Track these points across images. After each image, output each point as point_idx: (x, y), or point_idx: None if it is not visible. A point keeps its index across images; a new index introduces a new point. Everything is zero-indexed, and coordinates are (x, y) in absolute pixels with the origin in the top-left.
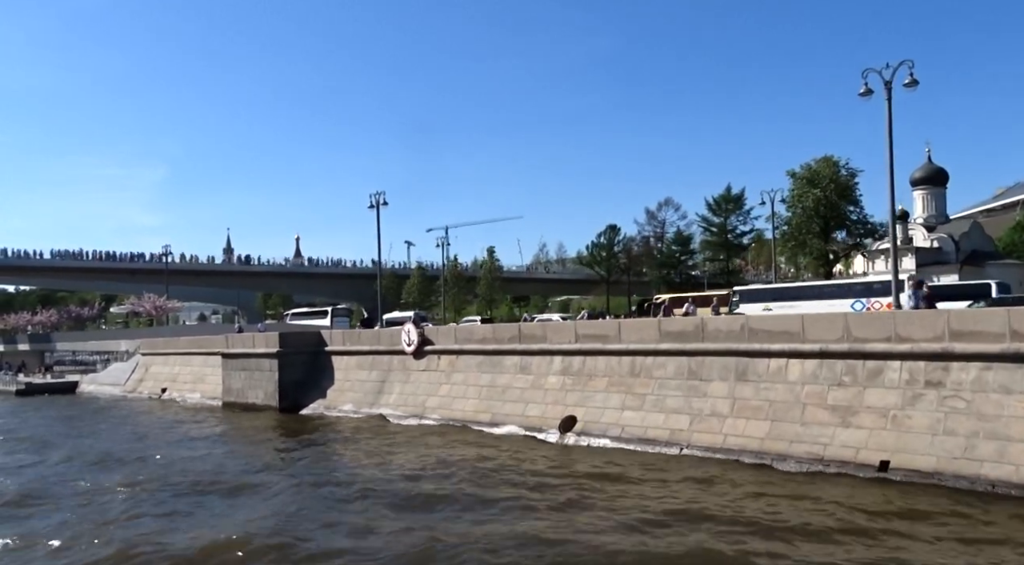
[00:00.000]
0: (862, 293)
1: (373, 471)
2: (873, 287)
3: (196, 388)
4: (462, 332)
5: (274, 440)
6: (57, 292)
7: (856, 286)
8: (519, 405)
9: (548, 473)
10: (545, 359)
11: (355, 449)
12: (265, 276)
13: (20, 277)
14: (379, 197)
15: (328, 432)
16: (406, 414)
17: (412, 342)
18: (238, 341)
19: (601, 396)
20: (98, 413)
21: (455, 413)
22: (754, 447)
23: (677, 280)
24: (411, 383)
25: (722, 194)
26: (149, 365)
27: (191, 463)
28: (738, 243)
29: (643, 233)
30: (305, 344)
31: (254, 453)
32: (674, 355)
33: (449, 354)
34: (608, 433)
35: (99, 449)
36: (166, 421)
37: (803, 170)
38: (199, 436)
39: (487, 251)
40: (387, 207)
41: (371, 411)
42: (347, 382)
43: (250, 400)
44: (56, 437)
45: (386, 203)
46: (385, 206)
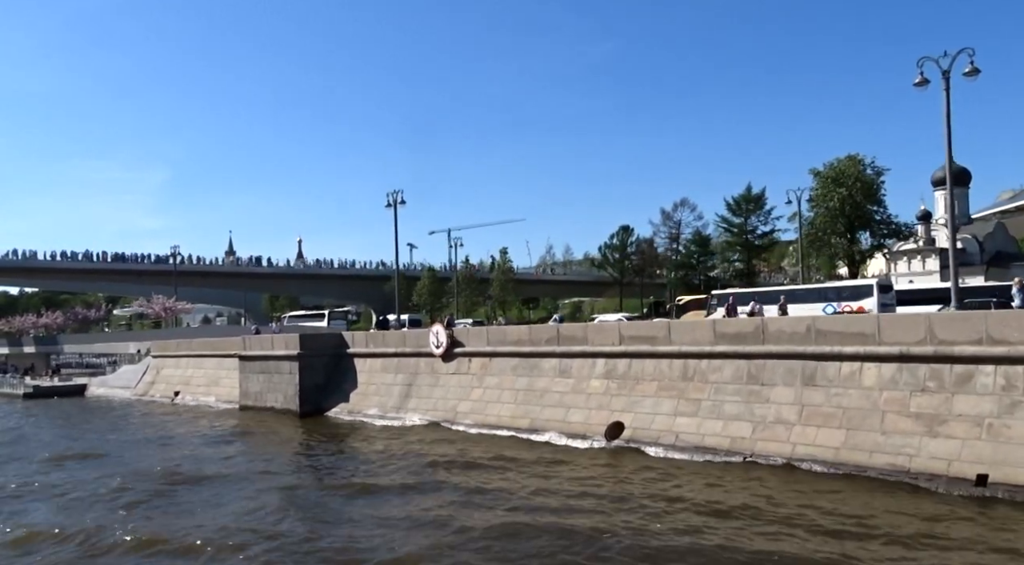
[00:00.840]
0: (833, 297)
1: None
2: (842, 291)
3: (211, 391)
4: (495, 334)
5: (300, 451)
6: (60, 294)
7: (828, 290)
8: (559, 410)
9: (621, 489)
10: (587, 362)
11: (391, 463)
12: (273, 277)
13: (26, 278)
14: (396, 196)
15: (355, 439)
16: (436, 419)
17: (441, 344)
18: (256, 343)
19: (650, 401)
20: (111, 418)
21: (489, 418)
22: (828, 457)
23: (696, 282)
24: (440, 387)
25: (742, 194)
26: (161, 368)
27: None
28: (758, 244)
29: (658, 234)
30: (326, 346)
31: (285, 465)
32: (731, 358)
33: (481, 356)
34: (661, 441)
35: (122, 464)
36: (183, 427)
37: (827, 169)
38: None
39: (500, 252)
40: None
41: (398, 415)
42: (371, 385)
43: (269, 404)
44: (71, 444)
45: (403, 202)
46: (403, 205)
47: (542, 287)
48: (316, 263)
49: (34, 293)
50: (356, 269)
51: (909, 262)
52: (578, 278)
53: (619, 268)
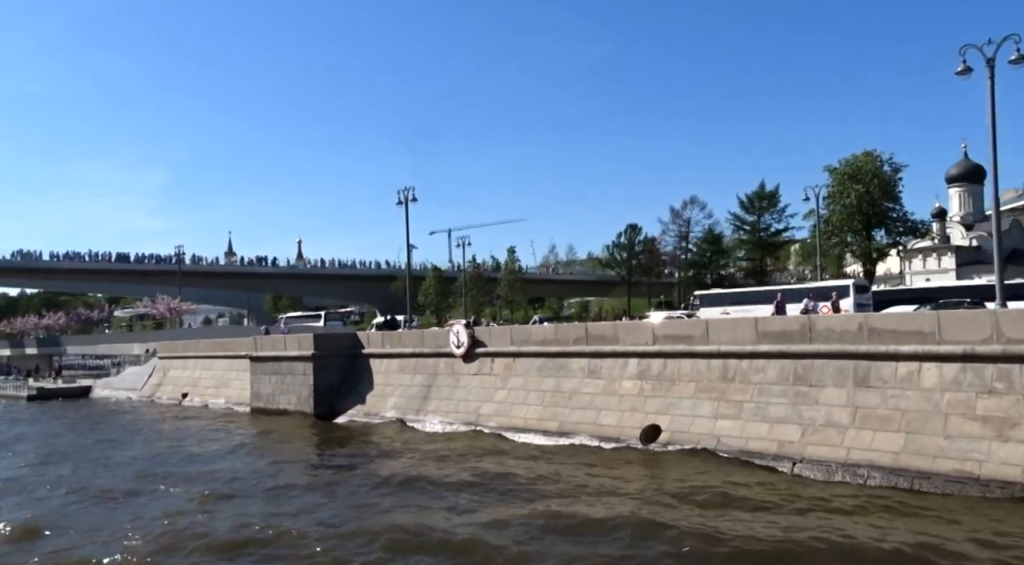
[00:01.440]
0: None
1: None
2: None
3: (220, 393)
4: (519, 333)
5: (320, 454)
6: (60, 295)
7: (806, 291)
8: (590, 412)
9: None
10: (618, 362)
11: (416, 466)
12: (277, 278)
13: (28, 279)
14: (407, 193)
15: (376, 443)
16: (458, 421)
17: (462, 344)
18: (268, 343)
19: (688, 403)
20: (117, 420)
21: (515, 421)
22: (886, 463)
23: (708, 280)
24: (461, 388)
25: (755, 191)
26: (168, 369)
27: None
28: (771, 242)
29: (667, 232)
30: (341, 346)
31: (307, 472)
32: (775, 358)
33: (504, 357)
34: (701, 444)
35: (133, 466)
36: (196, 432)
37: (843, 165)
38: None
39: (507, 251)
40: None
41: (417, 418)
42: (388, 387)
43: (281, 406)
44: (84, 449)
45: (415, 199)
46: (414, 202)
47: (549, 287)
48: (319, 263)
49: (34, 294)
50: (360, 269)
51: (924, 260)
52: (585, 278)
53: (627, 267)
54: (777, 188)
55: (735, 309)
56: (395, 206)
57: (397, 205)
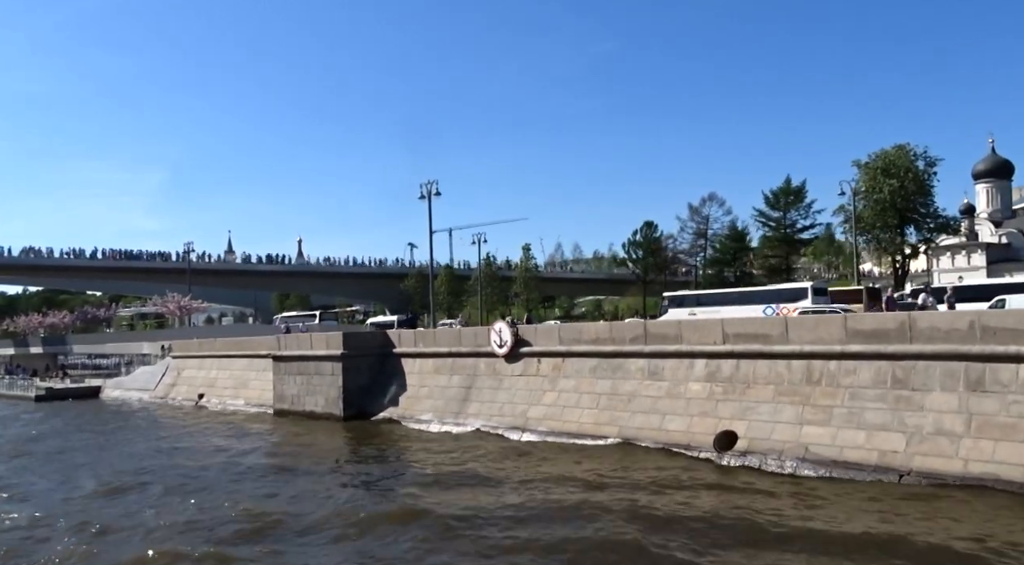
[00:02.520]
0: (772, 299)
1: (538, 529)
2: (780, 294)
3: (239, 394)
4: (569, 332)
5: (365, 469)
6: (60, 294)
7: (767, 293)
8: (653, 417)
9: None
10: (683, 363)
11: (474, 479)
12: (286, 276)
13: (31, 277)
14: (431, 187)
15: (417, 450)
16: (503, 425)
17: (505, 343)
18: (292, 342)
19: (767, 408)
20: (134, 423)
21: (567, 425)
22: (1016, 476)
23: (731, 278)
24: (505, 390)
25: (781, 187)
26: (182, 369)
27: None
28: (797, 239)
29: (685, 229)
30: (371, 345)
31: (375, 499)
32: (869, 359)
33: (552, 356)
34: (787, 454)
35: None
36: (223, 438)
37: (875, 159)
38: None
39: (523, 249)
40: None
41: (457, 421)
42: (423, 388)
43: (307, 408)
44: (109, 464)
45: (439, 193)
46: (438, 196)
47: (562, 285)
48: (327, 261)
49: (34, 293)
50: (370, 267)
51: (953, 258)
52: (600, 276)
53: (643, 266)
54: (803, 184)
55: (700, 310)
56: (395, 205)
57: (420, 199)
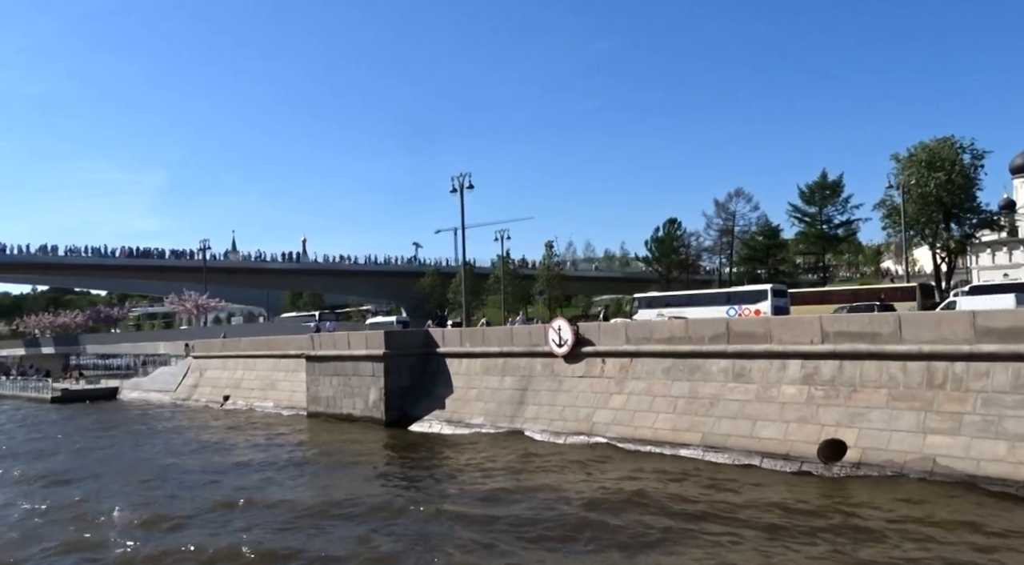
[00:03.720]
0: (735, 301)
1: None
2: (742, 296)
3: (267, 395)
4: (637, 330)
5: (425, 481)
6: (66, 294)
7: (730, 294)
8: (741, 423)
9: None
10: (773, 364)
11: (557, 494)
12: (300, 274)
13: (43, 275)
14: (463, 179)
15: (476, 458)
16: (565, 430)
17: (565, 342)
18: (327, 341)
19: (880, 414)
20: (162, 426)
21: (641, 431)
22: None
23: (764, 276)
24: (565, 392)
25: (816, 181)
26: (204, 369)
27: None
28: (834, 235)
29: (711, 226)
30: (413, 345)
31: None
32: (1006, 360)
33: (619, 357)
34: (909, 466)
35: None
36: (257, 441)
37: (918, 151)
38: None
39: (545, 246)
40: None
41: (513, 426)
42: (472, 390)
43: (345, 410)
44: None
45: (471, 186)
46: (471, 189)
47: (582, 284)
48: (342, 259)
49: (41, 293)
50: (387, 265)
51: (993, 254)
52: (622, 275)
53: (666, 263)
54: (840, 178)
55: (668, 311)
56: (397, 205)
57: (451, 192)
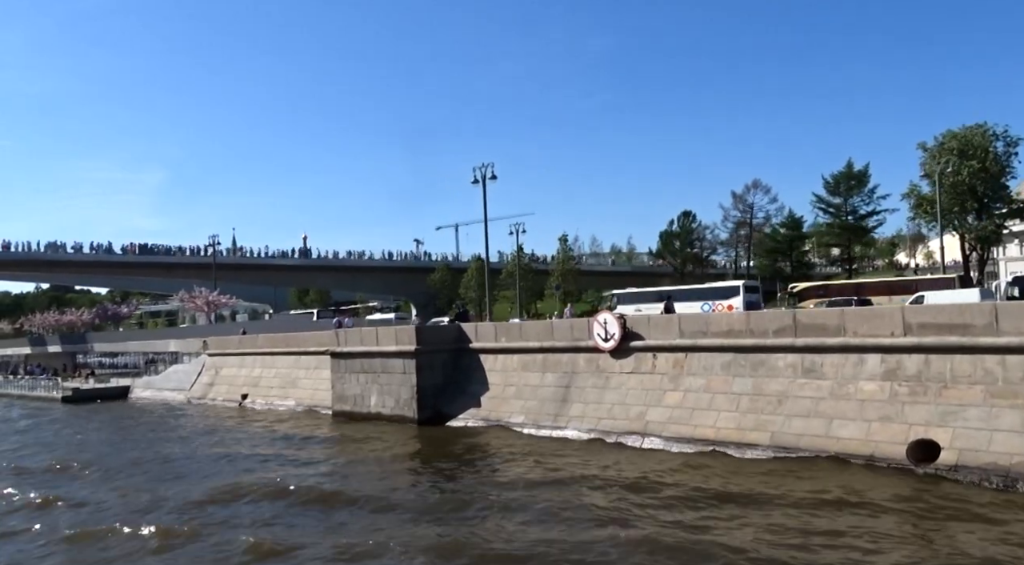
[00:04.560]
0: (709, 297)
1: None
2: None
3: (288, 394)
4: (692, 323)
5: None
6: (68, 292)
7: (704, 290)
8: (815, 422)
9: None
10: (849, 358)
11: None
12: (309, 270)
13: (47, 273)
14: (485, 169)
15: (525, 460)
16: (616, 430)
17: (611, 336)
18: (355, 338)
19: (977, 412)
20: (185, 428)
21: (702, 431)
22: None
23: (787, 269)
24: (613, 389)
25: (842, 171)
26: (220, 367)
27: None
28: (860, 226)
29: (728, 218)
30: (444, 340)
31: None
32: None
33: (672, 351)
34: (1016, 469)
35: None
36: (280, 441)
37: (948, 140)
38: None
39: (559, 240)
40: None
41: (556, 425)
42: (509, 387)
43: (374, 409)
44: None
45: (494, 176)
46: (493, 180)
47: (596, 279)
48: (351, 254)
49: (42, 292)
50: (395, 261)
51: (1021, 246)
52: (636, 270)
53: (681, 257)
54: (867, 168)
55: (645, 306)
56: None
57: (473, 184)
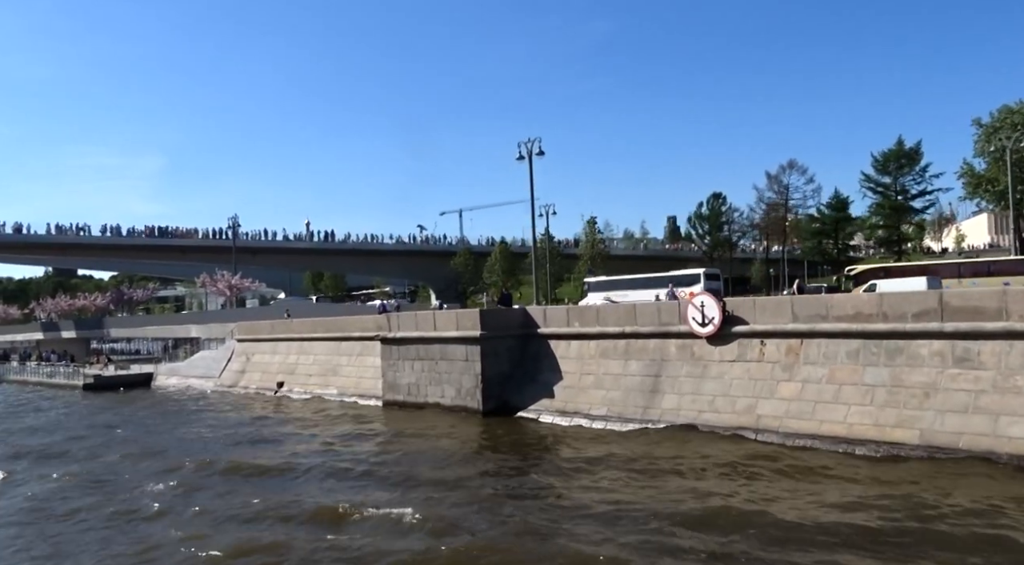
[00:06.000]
0: (672, 283)
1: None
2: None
3: (328, 382)
4: (809, 306)
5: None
6: (71, 278)
7: (667, 278)
8: (976, 418)
9: None
10: (1014, 346)
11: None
12: (326, 254)
13: (58, 255)
14: (532, 145)
15: (625, 458)
16: (721, 424)
17: (710, 320)
18: (408, 322)
19: None
20: (223, 418)
21: (829, 427)
22: None
23: (834, 252)
24: (713, 379)
25: (892, 149)
26: (250, 353)
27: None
28: (910, 207)
29: (763, 199)
30: (510, 325)
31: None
32: None
33: (783, 337)
34: None
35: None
36: (332, 433)
37: (1004, 115)
38: None
39: (587, 223)
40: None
41: (646, 417)
42: (587, 376)
43: (431, 399)
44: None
45: (542, 152)
46: (540, 156)
47: (622, 264)
48: (371, 238)
49: (47, 277)
50: (416, 245)
51: None
52: (663, 254)
53: (713, 241)
54: (918, 145)
55: (615, 294)
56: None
57: (518, 160)
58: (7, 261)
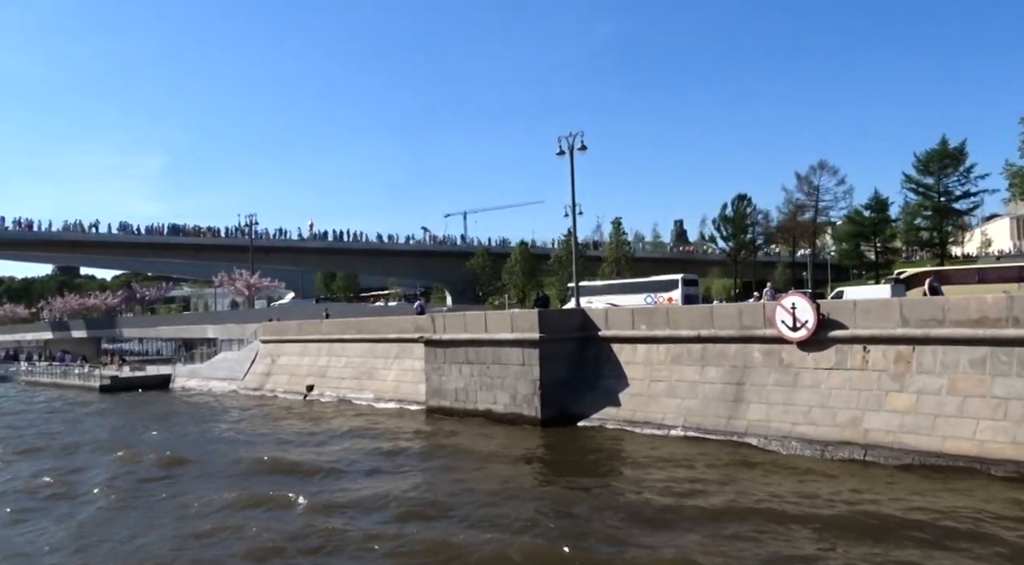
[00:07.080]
0: (650, 289)
1: None
2: (656, 285)
3: (363, 386)
4: (921, 309)
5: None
6: (75, 277)
7: (645, 284)
8: None
9: None
10: None
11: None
12: (341, 254)
13: (69, 253)
14: (573, 139)
15: (727, 479)
16: (820, 439)
17: (803, 324)
18: (456, 323)
19: None
20: (257, 425)
21: (954, 443)
22: None
23: (872, 254)
24: (807, 389)
25: (935, 148)
26: (276, 355)
27: None
28: (953, 208)
29: (791, 200)
30: (569, 327)
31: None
32: None
33: (890, 343)
34: None
35: None
36: (378, 445)
37: None
38: None
39: (612, 224)
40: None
41: (730, 429)
42: (658, 383)
43: (481, 406)
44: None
45: (584, 147)
46: (582, 150)
47: (643, 266)
48: (388, 238)
49: (51, 276)
50: (431, 245)
51: None
52: (688, 257)
53: (738, 243)
54: (963, 145)
55: (597, 299)
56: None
57: (558, 155)
58: (17, 258)
